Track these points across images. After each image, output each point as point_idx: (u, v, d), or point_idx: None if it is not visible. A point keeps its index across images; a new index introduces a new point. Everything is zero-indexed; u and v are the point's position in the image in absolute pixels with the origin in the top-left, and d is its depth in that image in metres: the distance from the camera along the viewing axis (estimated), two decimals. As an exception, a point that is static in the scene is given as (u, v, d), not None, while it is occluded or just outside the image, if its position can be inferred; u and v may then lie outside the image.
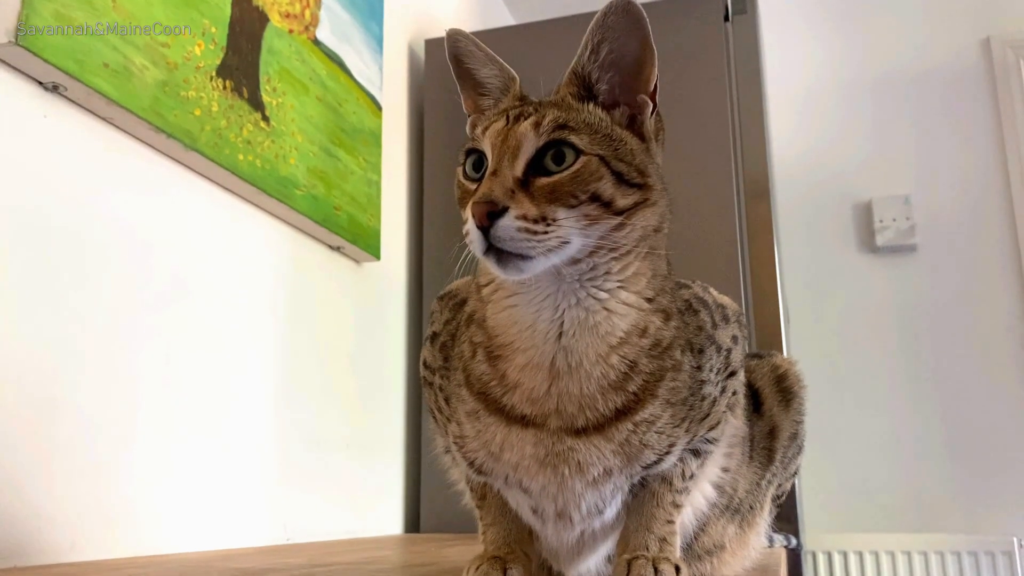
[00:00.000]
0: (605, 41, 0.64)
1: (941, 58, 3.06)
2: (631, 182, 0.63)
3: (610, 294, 0.64)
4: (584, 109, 0.65)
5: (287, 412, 1.55)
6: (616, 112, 0.66)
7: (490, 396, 0.67)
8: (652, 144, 0.67)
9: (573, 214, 0.60)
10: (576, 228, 0.60)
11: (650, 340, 0.65)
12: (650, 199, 0.64)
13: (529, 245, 0.58)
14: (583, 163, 0.61)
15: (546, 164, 0.61)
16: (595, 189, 0.61)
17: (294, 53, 1.59)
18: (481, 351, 0.68)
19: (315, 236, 1.68)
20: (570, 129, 0.62)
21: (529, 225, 0.58)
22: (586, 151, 0.61)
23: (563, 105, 0.66)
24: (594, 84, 0.66)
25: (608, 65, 0.65)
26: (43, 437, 1.03)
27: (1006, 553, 2.55)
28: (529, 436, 0.65)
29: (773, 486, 0.91)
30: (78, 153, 1.13)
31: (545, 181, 0.61)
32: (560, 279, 0.63)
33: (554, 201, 0.60)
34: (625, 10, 0.62)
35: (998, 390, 2.79)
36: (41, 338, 1.04)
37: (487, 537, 0.74)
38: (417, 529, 2.01)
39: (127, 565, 1.01)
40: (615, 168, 0.62)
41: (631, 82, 0.65)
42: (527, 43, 2.18)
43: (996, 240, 2.89)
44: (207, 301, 1.35)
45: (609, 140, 0.63)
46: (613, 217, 0.61)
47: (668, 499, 0.70)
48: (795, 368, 0.93)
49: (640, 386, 0.64)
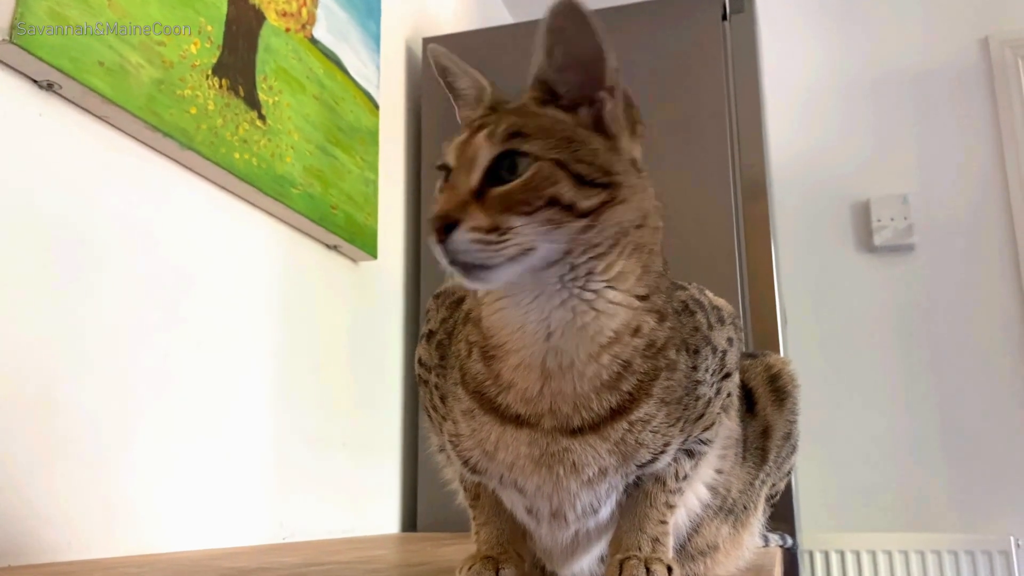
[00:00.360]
0: (557, 44, 0.63)
1: (940, 57, 3.06)
2: (594, 183, 0.61)
3: (596, 294, 0.63)
4: (543, 113, 0.64)
5: (284, 411, 1.55)
6: (581, 112, 0.65)
7: (485, 395, 0.67)
8: (621, 140, 0.65)
9: (532, 220, 0.59)
10: (539, 233, 0.60)
11: (644, 340, 0.65)
12: (619, 196, 0.63)
13: (486, 255, 0.59)
14: (535, 169, 0.60)
15: (502, 174, 0.61)
16: (552, 193, 0.60)
17: (291, 51, 1.59)
18: (477, 350, 0.68)
19: (312, 235, 1.68)
20: (523, 136, 0.62)
21: (483, 236, 0.59)
22: (539, 156, 0.61)
23: (522, 111, 0.65)
24: (555, 87, 0.65)
25: (564, 67, 0.64)
26: (40, 435, 1.03)
27: (1003, 552, 2.55)
28: (524, 436, 0.65)
29: (767, 486, 0.91)
30: (73, 152, 1.13)
31: (499, 190, 0.60)
32: (544, 281, 0.63)
33: (507, 210, 0.59)
34: (570, 10, 0.61)
35: (995, 389, 2.79)
36: (36, 336, 1.04)
37: (480, 537, 0.74)
38: (414, 528, 2.01)
39: (124, 564, 1.01)
40: (574, 170, 0.61)
41: (590, 80, 0.64)
42: (525, 41, 2.17)
43: (994, 240, 2.90)
44: (204, 300, 1.35)
45: (568, 142, 0.62)
46: (578, 220, 0.60)
47: (661, 499, 0.70)
48: (788, 368, 0.93)
49: (635, 385, 0.64)
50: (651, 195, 0.68)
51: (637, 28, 2.10)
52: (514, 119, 0.63)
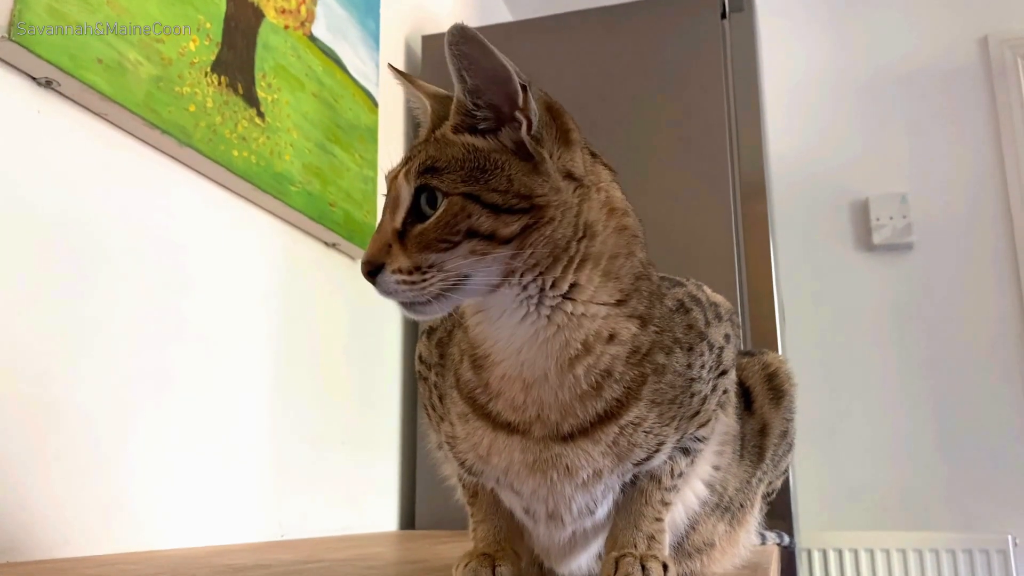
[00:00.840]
0: (463, 69, 0.62)
1: (939, 56, 3.06)
2: (511, 209, 0.61)
3: (553, 309, 0.63)
4: (458, 142, 0.64)
5: (282, 409, 1.55)
6: (503, 134, 0.63)
7: (477, 401, 0.68)
8: (544, 160, 0.63)
9: (455, 254, 0.60)
10: (466, 264, 0.60)
11: (626, 347, 0.65)
12: (545, 217, 0.62)
13: (413, 294, 0.61)
14: (446, 206, 0.60)
15: (423, 209, 0.62)
16: (469, 226, 0.60)
17: (290, 49, 1.59)
18: (467, 358, 0.69)
19: (310, 233, 1.68)
20: (435, 171, 0.62)
21: (405, 277, 0.60)
22: (449, 192, 0.61)
23: (440, 142, 0.64)
24: (473, 111, 0.64)
25: (476, 90, 0.63)
26: (38, 433, 1.03)
27: (1000, 551, 2.55)
28: (516, 443, 0.66)
29: (764, 484, 0.91)
30: (72, 149, 1.13)
31: (417, 229, 0.61)
32: (504, 300, 0.64)
33: (426, 248, 0.60)
34: (462, 36, 0.60)
35: (993, 388, 2.79)
36: (34, 334, 1.04)
37: (477, 534, 0.74)
38: (412, 526, 2.01)
39: (122, 560, 1.01)
40: (488, 201, 0.60)
41: (504, 102, 0.63)
42: (524, 40, 2.18)
43: (992, 239, 2.90)
44: (202, 298, 1.35)
45: (480, 173, 0.61)
46: (502, 247, 0.60)
47: (657, 497, 0.70)
48: (785, 366, 0.93)
49: (621, 392, 0.65)
50: (597, 201, 0.66)
51: (636, 27, 2.10)
52: (430, 152, 0.63)
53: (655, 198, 1.92)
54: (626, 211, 0.68)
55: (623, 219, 0.68)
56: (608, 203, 0.67)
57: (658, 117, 2.03)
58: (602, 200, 0.67)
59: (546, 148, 0.64)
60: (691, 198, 1.94)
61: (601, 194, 0.67)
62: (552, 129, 0.65)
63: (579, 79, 2.10)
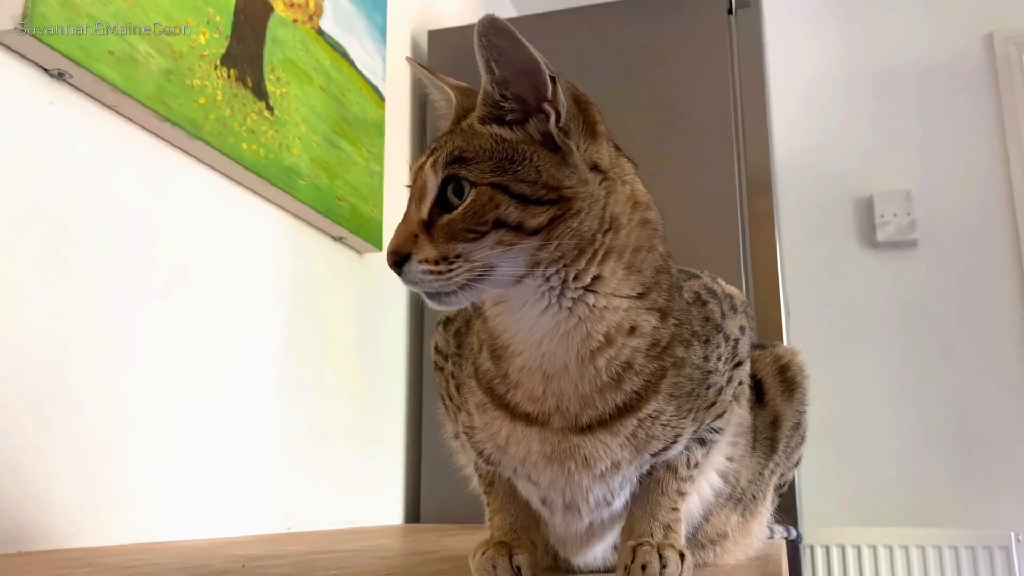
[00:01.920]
0: (492, 60, 0.61)
1: (944, 53, 3.06)
2: (540, 200, 0.61)
3: (575, 301, 0.63)
4: (485, 133, 0.63)
5: (289, 401, 1.56)
6: (530, 125, 0.63)
7: (495, 392, 0.68)
8: (572, 152, 0.63)
9: (482, 244, 0.60)
10: (493, 256, 0.60)
11: (646, 340, 0.65)
12: (572, 208, 0.62)
13: (440, 284, 0.60)
14: (474, 196, 0.60)
15: (450, 199, 0.62)
16: (496, 216, 0.60)
17: (298, 43, 1.59)
18: (486, 348, 0.69)
19: (317, 226, 1.68)
20: (463, 161, 0.61)
21: (432, 267, 0.60)
22: (477, 182, 0.61)
23: (467, 132, 0.64)
24: (500, 103, 0.63)
25: (504, 82, 0.63)
26: (48, 425, 1.04)
27: (1003, 547, 2.56)
28: (534, 433, 0.66)
29: (776, 476, 0.92)
30: (83, 140, 1.13)
31: (444, 219, 0.61)
32: (527, 291, 0.63)
33: (453, 238, 0.60)
34: (493, 27, 0.60)
35: (997, 385, 2.79)
36: (45, 324, 1.04)
37: (494, 523, 0.74)
38: (417, 519, 2.02)
39: (133, 551, 1.02)
40: (516, 191, 0.60)
41: (533, 92, 0.63)
42: (529, 35, 2.17)
43: (997, 236, 2.90)
44: (210, 289, 1.35)
45: (508, 163, 0.61)
46: (529, 238, 0.60)
47: (673, 487, 0.70)
48: (798, 358, 0.93)
49: (641, 385, 0.65)
50: (623, 195, 0.66)
51: (643, 22, 2.10)
52: (457, 143, 0.63)
53: (661, 193, 1.90)
54: (649, 204, 0.69)
55: (646, 212, 0.68)
56: (632, 196, 0.67)
57: (664, 113, 2.03)
58: (627, 193, 0.67)
59: (573, 140, 0.64)
60: (697, 193, 1.94)
61: (626, 187, 0.67)
62: (579, 121, 0.65)
63: (584, 74, 2.08)
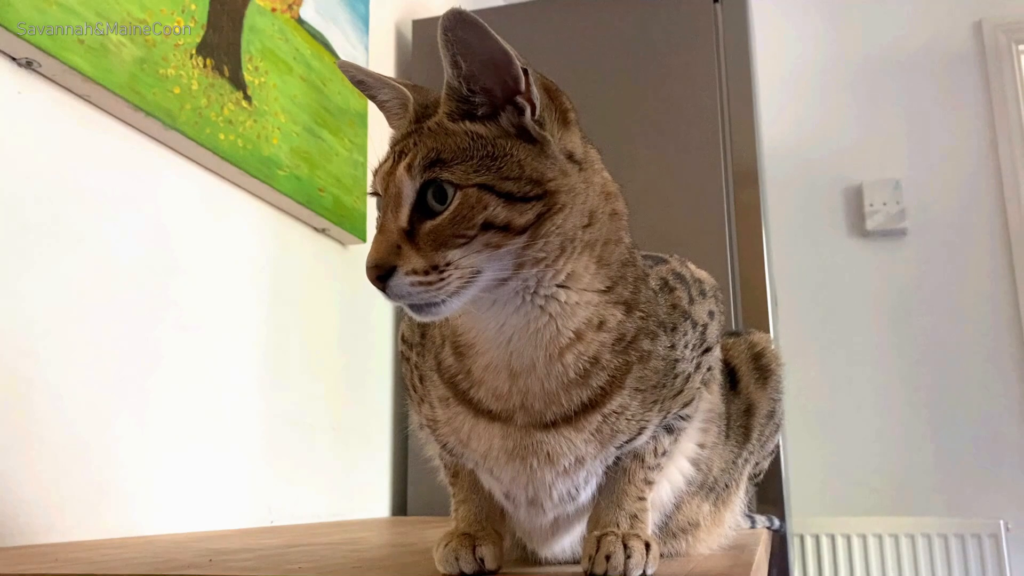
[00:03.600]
0: (458, 54, 0.59)
1: (933, 41, 3.05)
2: (526, 197, 0.59)
3: (547, 299, 0.62)
4: (459, 131, 0.60)
5: (271, 394, 1.55)
6: (503, 119, 0.61)
7: (458, 387, 0.67)
8: (548, 142, 0.61)
9: (470, 249, 0.57)
10: (480, 259, 0.58)
11: (612, 335, 0.64)
12: (557, 203, 0.60)
13: (429, 295, 0.57)
14: (460, 199, 0.57)
15: (430, 204, 0.58)
16: (484, 218, 0.57)
17: (277, 32, 1.57)
18: (449, 344, 0.68)
19: (299, 218, 1.67)
20: (443, 164, 0.58)
21: (421, 278, 0.57)
22: (462, 184, 0.58)
23: (437, 132, 0.61)
24: (469, 97, 0.61)
25: (472, 76, 0.60)
26: (20, 418, 1.03)
27: (992, 536, 2.56)
28: (496, 429, 0.65)
29: (750, 464, 0.91)
30: (54, 130, 1.11)
31: (429, 226, 0.58)
32: (499, 291, 0.61)
33: (441, 245, 0.57)
34: (460, 20, 0.57)
35: (986, 374, 2.80)
36: (16, 316, 1.03)
37: (459, 514, 0.74)
38: (404, 512, 2.01)
39: (107, 545, 1.01)
40: (501, 190, 0.58)
41: (502, 85, 0.60)
42: (516, 24, 2.17)
43: (986, 225, 2.90)
44: (189, 282, 1.34)
45: (490, 160, 0.59)
46: (517, 237, 0.58)
47: (640, 476, 0.70)
48: (772, 346, 0.92)
49: (606, 380, 0.64)
50: (597, 186, 0.65)
51: (628, 11, 2.08)
52: (431, 144, 0.60)
53: (647, 184, 1.91)
54: (617, 195, 0.68)
55: (616, 203, 0.67)
56: (604, 187, 0.66)
57: (650, 102, 2.02)
58: (600, 184, 0.66)
59: (548, 130, 0.62)
60: (683, 184, 1.93)
61: (597, 177, 0.66)
62: (552, 111, 0.63)
63: (570, 64, 2.08)
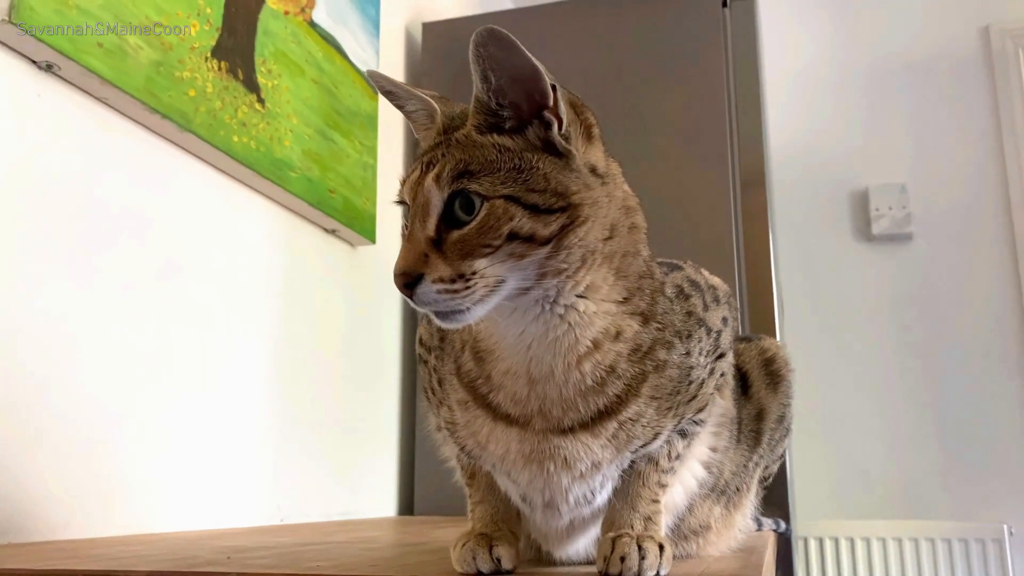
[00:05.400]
0: (489, 70, 0.60)
1: (940, 46, 3.06)
2: (551, 209, 0.60)
3: (567, 308, 0.63)
4: (487, 143, 0.62)
5: (282, 394, 1.56)
6: (529, 132, 0.63)
7: (478, 391, 0.68)
8: (573, 156, 0.63)
9: (495, 259, 0.59)
10: (505, 269, 0.59)
11: (628, 345, 0.65)
12: (580, 216, 0.61)
13: (455, 303, 0.59)
14: (487, 210, 0.59)
15: (457, 214, 0.60)
16: (510, 229, 0.59)
17: (290, 35, 1.58)
18: (469, 349, 0.69)
19: (310, 219, 1.68)
20: (471, 175, 0.60)
21: (447, 286, 0.59)
22: (489, 195, 0.59)
23: (465, 144, 0.62)
24: (497, 111, 0.62)
25: (501, 90, 0.61)
26: (39, 416, 1.04)
27: (996, 540, 2.57)
28: (514, 434, 0.67)
29: (760, 468, 0.92)
30: (72, 133, 1.13)
31: (456, 235, 0.60)
32: (520, 300, 0.63)
33: (468, 255, 0.59)
34: (492, 37, 0.58)
35: (991, 378, 2.80)
36: (35, 316, 1.05)
37: (475, 515, 0.75)
38: (411, 512, 2.02)
39: (124, 542, 1.02)
40: (527, 202, 0.60)
41: (530, 99, 0.62)
42: (526, 27, 2.18)
43: (991, 229, 2.90)
44: (201, 282, 1.35)
45: (517, 173, 0.60)
46: (540, 248, 0.60)
47: (654, 479, 0.71)
48: (783, 351, 0.93)
49: (622, 389, 0.65)
50: (619, 200, 0.66)
51: (637, 14, 2.09)
52: (459, 155, 0.61)
53: (655, 187, 1.92)
54: (637, 208, 0.69)
55: (635, 217, 0.68)
56: (624, 201, 0.68)
57: (659, 105, 2.03)
58: (620, 198, 0.67)
59: (573, 145, 0.63)
60: (691, 187, 1.94)
61: (619, 191, 0.67)
62: (577, 126, 0.65)
63: (579, 67, 2.09)
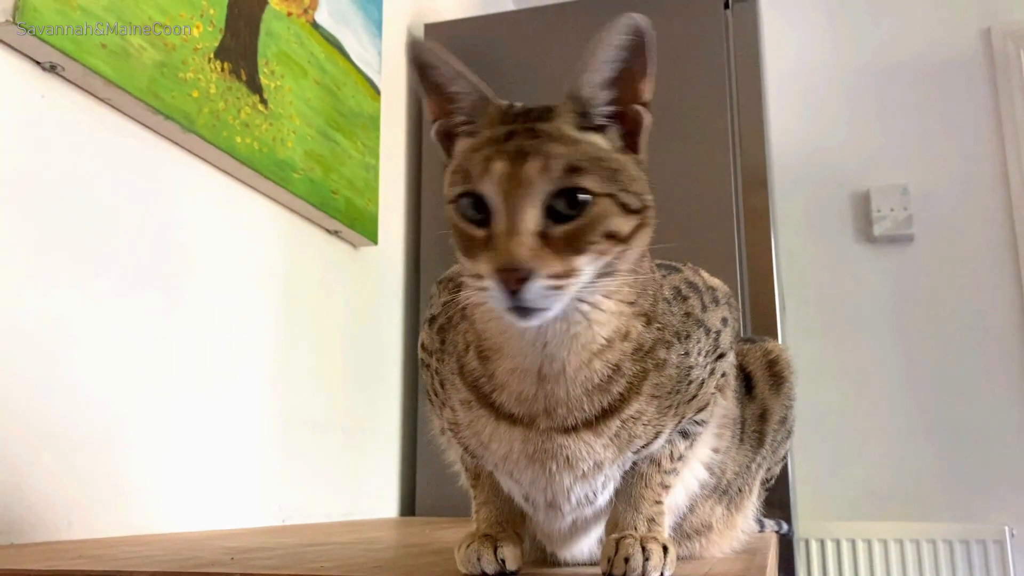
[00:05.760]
0: (611, 61, 0.60)
1: (941, 48, 3.06)
2: (634, 209, 0.61)
3: (592, 306, 0.63)
4: (586, 141, 0.61)
5: (284, 395, 1.56)
6: (610, 132, 0.63)
7: (481, 390, 0.68)
8: (644, 159, 0.64)
9: (590, 256, 0.58)
10: (594, 265, 0.59)
11: (633, 344, 0.66)
12: (648, 217, 0.62)
13: (556, 299, 0.57)
14: (600, 207, 0.58)
15: (558, 208, 0.58)
16: (608, 227, 0.59)
17: (293, 36, 1.59)
18: (472, 349, 0.69)
19: (312, 220, 1.68)
20: (580, 171, 0.58)
21: (556, 282, 0.57)
22: (599, 193, 0.59)
23: (565, 139, 0.60)
24: (588, 104, 0.62)
25: (608, 84, 0.61)
26: (41, 416, 1.04)
27: (997, 542, 2.57)
28: (517, 433, 0.66)
29: (763, 469, 0.92)
30: (76, 134, 1.13)
31: (562, 231, 0.58)
32: None
33: (577, 251, 0.58)
34: (635, 31, 0.58)
35: (992, 380, 2.80)
36: (37, 316, 1.05)
37: (480, 516, 0.75)
38: (412, 513, 2.02)
39: (126, 543, 1.02)
40: (622, 201, 0.60)
41: (627, 97, 0.62)
42: (528, 29, 2.18)
43: (993, 231, 2.90)
44: (204, 283, 1.36)
45: (614, 174, 0.60)
46: (618, 247, 0.60)
47: (656, 480, 0.71)
48: (786, 353, 0.93)
49: (625, 387, 0.65)
50: None
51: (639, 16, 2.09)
52: (562, 150, 0.59)
53: (656, 188, 1.92)
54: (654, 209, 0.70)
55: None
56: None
57: (660, 107, 2.01)
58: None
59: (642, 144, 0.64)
60: (692, 188, 1.94)
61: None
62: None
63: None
